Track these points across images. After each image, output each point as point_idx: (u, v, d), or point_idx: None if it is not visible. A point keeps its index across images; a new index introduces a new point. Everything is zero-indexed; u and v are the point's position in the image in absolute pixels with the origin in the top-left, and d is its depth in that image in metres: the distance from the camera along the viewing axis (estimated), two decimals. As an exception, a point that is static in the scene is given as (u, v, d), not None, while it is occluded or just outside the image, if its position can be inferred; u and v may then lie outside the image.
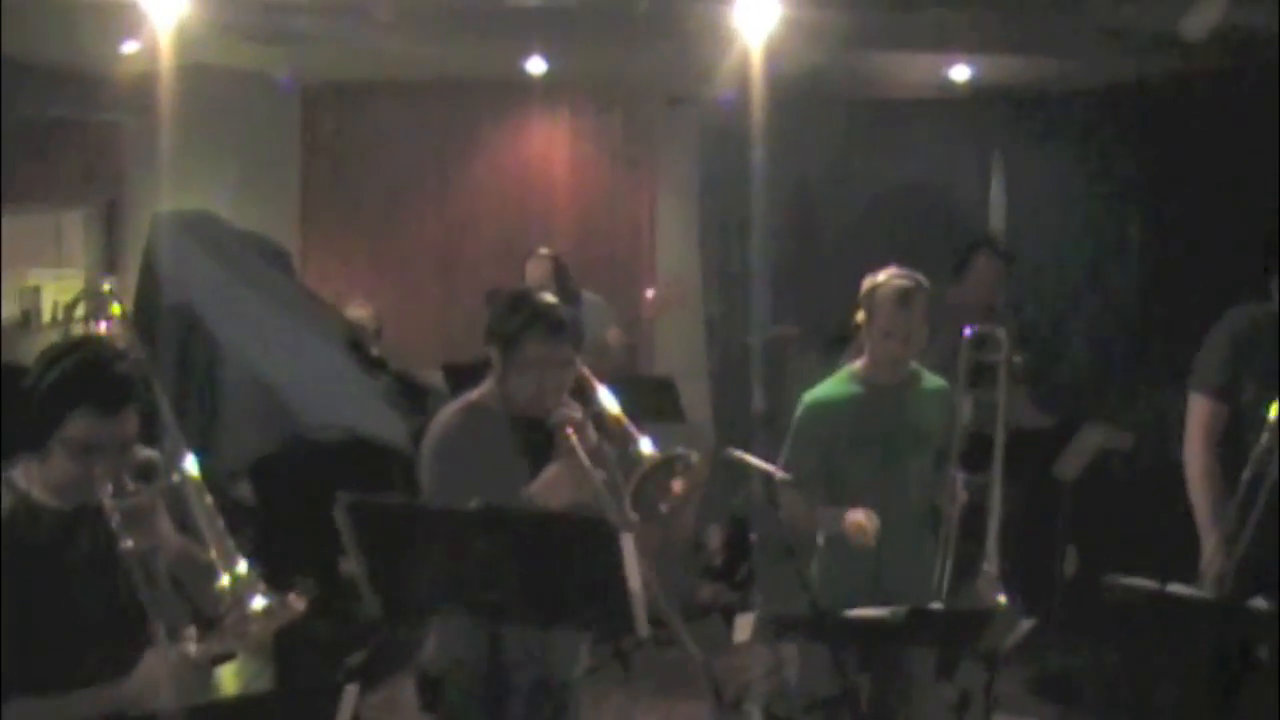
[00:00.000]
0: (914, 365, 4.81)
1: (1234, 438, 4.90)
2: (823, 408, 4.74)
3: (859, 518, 4.53)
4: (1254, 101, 7.85)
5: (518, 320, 3.95)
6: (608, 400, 4.13)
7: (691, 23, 6.83)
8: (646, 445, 3.92)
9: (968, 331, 4.92)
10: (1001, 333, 4.94)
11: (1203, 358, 4.98)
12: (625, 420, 4.08)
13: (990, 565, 4.56)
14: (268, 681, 5.90)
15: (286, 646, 5.49)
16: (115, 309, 3.71)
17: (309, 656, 5.71)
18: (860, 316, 4.76)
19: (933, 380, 4.85)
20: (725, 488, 7.58)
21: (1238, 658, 4.52)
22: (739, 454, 4.09)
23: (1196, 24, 6.58)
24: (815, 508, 4.66)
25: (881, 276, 4.71)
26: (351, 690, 2.78)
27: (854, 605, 4.13)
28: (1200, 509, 4.92)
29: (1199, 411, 4.94)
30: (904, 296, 4.64)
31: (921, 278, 4.73)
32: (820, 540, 4.76)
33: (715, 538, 8.53)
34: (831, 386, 4.79)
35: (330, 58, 8.26)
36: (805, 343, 8.21)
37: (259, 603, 3.08)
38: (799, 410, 4.77)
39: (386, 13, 6.56)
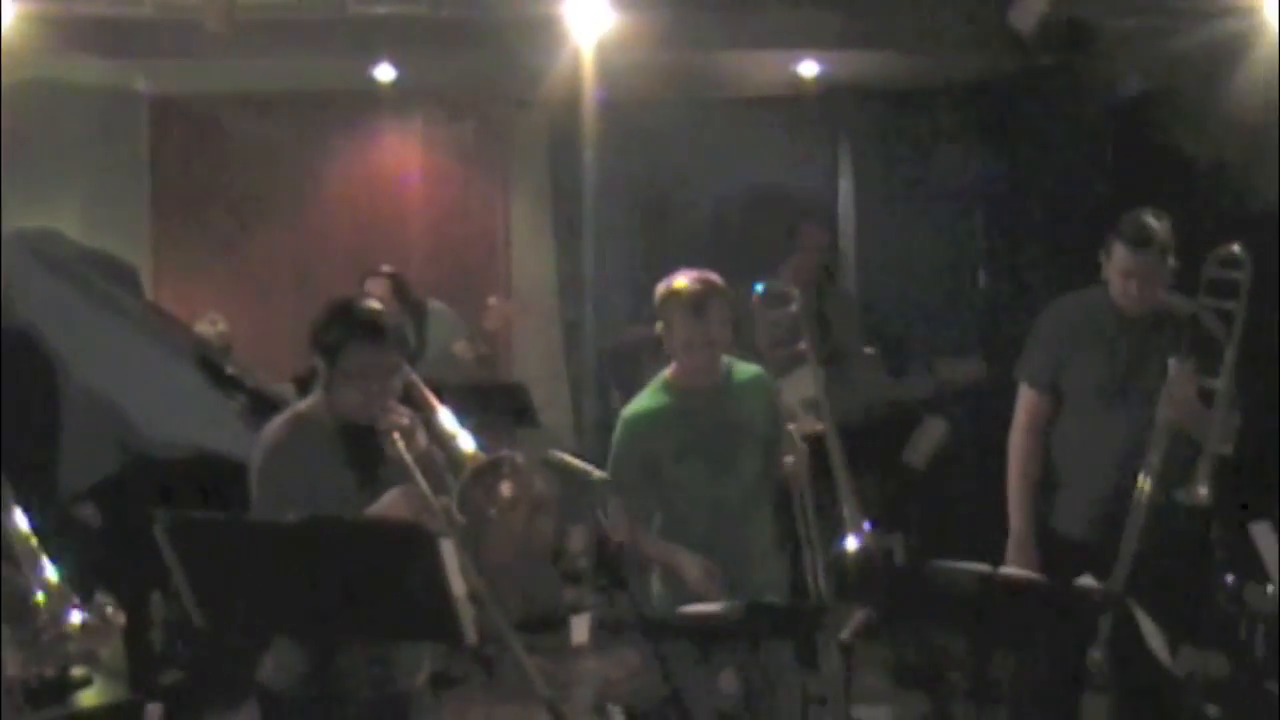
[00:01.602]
0: (725, 360, 4.70)
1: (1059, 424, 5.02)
2: (640, 422, 4.66)
3: (696, 575, 4.46)
4: (1089, 94, 8.05)
5: (339, 329, 3.92)
6: (442, 414, 4.12)
7: (532, 27, 6.86)
8: (470, 444, 3.90)
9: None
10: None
11: (1028, 348, 5.08)
12: (457, 428, 4.08)
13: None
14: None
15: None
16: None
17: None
18: (659, 327, 4.66)
19: (745, 370, 4.75)
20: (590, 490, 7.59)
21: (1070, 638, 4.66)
22: (559, 455, 4.10)
23: (1024, 15, 6.73)
24: (636, 521, 4.58)
25: (674, 284, 4.58)
26: (154, 709, 2.76)
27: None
28: (1012, 494, 5.02)
29: (1023, 400, 5.05)
30: (697, 305, 4.51)
31: (715, 277, 4.59)
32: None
33: (578, 541, 8.54)
34: (646, 399, 4.70)
35: (177, 71, 8.18)
36: (661, 344, 8.24)
37: (76, 618, 3.03)
38: (618, 427, 4.70)
39: (221, 25, 6.50)
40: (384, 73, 8.43)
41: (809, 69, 8.57)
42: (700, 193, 9.37)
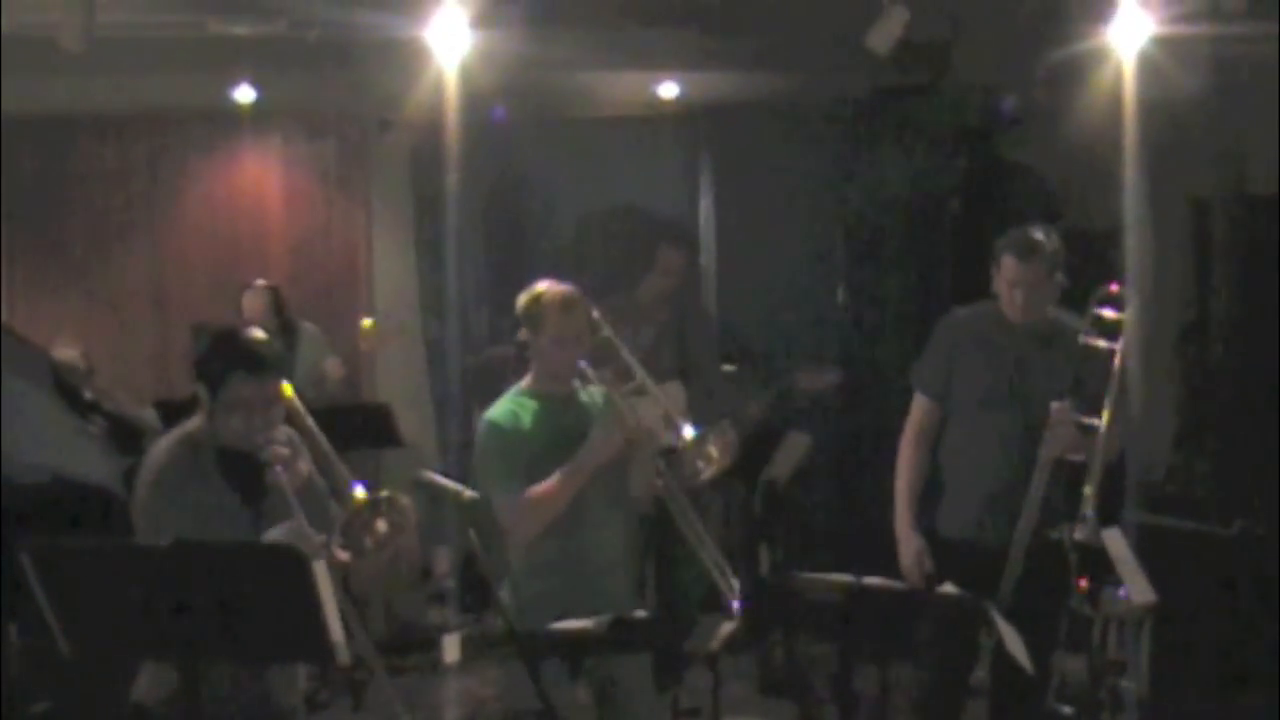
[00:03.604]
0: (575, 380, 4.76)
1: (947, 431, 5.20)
2: (504, 420, 4.68)
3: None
4: (943, 114, 8.25)
5: (222, 360, 3.94)
6: (323, 444, 4.14)
7: (393, 47, 6.86)
8: (359, 492, 3.92)
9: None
10: None
11: (922, 357, 5.29)
12: (335, 460, 4.10)
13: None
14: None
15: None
16: None
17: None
18: (523, 334, 4.75)
19: (593, 387, 4.79)
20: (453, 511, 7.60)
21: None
22: (428, 475, 4.13)
23: (882, 37, 6.86)
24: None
25: (538, 288, 4.69)
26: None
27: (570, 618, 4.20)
28: (898, 499, 5.19)
29: (914, 408, 5.26)
30: (566, 303, 4.63)
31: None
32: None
33: (443, 562, 8.54)
34: (507, 403, 4.73)
35: (30, 90, 8.03)
36: (522, 363, 8.27)
37: None
38: (482, 429, 4.72)
39: (76, 43, 6.40)
40: (244, 93, 8.37)
41: (669, 90, 8.67)
42: (561, 212, 9.43)
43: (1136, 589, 4.44)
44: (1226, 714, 5.54)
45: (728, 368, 7.65)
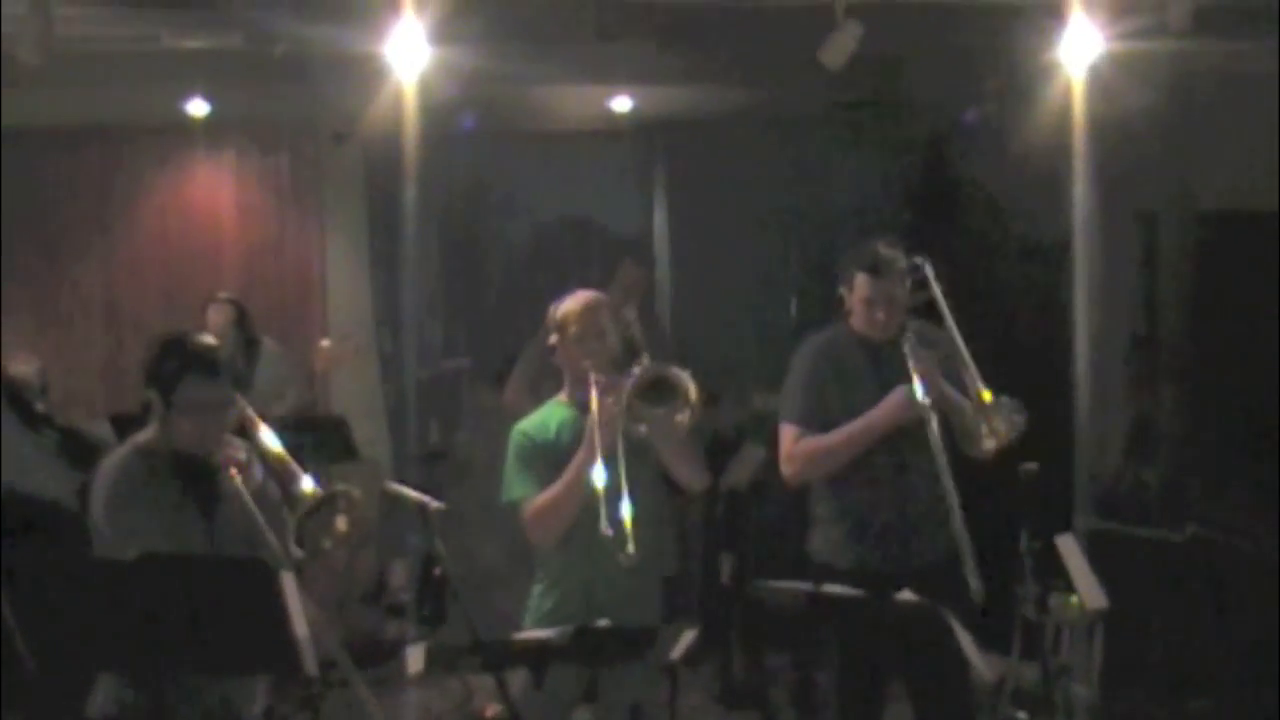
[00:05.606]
0: None
1: None
2: (534, 435, 4.66)
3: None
4: (895, 128, 8.33)
5: (174, 363, 3.96)
6: (270, 439, 4.16)
7: (348, 62, 6.87)
8: (308, 484, 3.95)
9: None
10: None
11: (787, 392, 5.07)
12: (288, 459, 4.12)
13: None
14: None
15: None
16: None
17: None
18: (552, 339, 4.72)
19: None
20: (407, 524, 7.61)
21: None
22: (395, 487, 4.16)
23: (834, 53, 6.92)
24: None
25: (568, 297, 4.73)
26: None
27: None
28: (837, 436, 4.91)
29: (785, 439, 5.02)
30: (589, 307, 4.66)
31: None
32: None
33: (399, 575, 8.53)
34: (540, 414, 4.74)
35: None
36: (478, 374, 8.33)
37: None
38: (512, 439, 4.68)
39: (36, 56, 6.38)
40: (197, 107, 8.37)
41: (622, 104, 8.72)
42: (515, 227, 9.47)
43: (1088, 594, 4.48)
44: (1177, 717, 5.61)
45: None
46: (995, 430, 4.72)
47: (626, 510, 4.37)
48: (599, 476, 4.38)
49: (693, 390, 4.48)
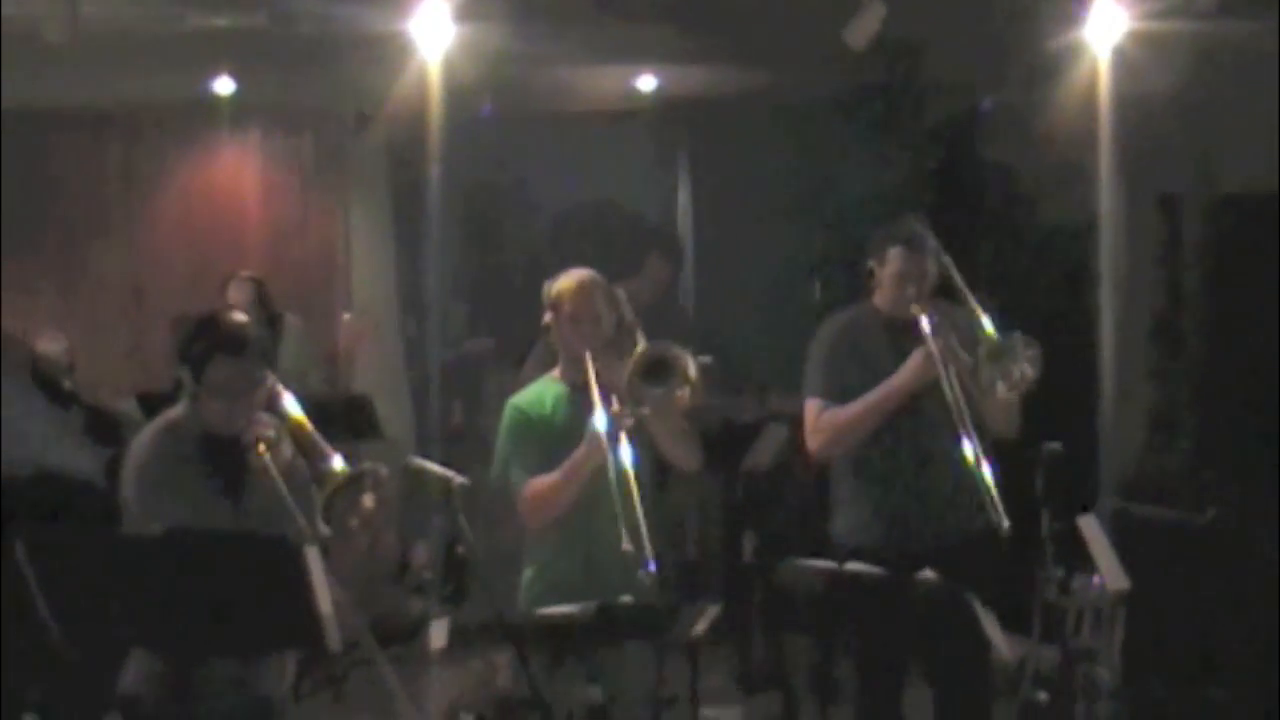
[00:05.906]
0: None
1: None
2: (528, 411, 4.69)
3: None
4: (919, 109, 8.31)
5: (205, 342, 3.99)
6: (298, 414, 4.18)
7: (374, 41, 6.89)
8: (338, 462, 3.97)
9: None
10: None
11: (810, 370, 5.07)
12: (318, 436, 4.14)
13: None
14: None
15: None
16: None
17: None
18: (548, 318, 4.73)
19: None
20: (429, 505, 7.64)
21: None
22: (419, 461, 4.18)
23: (859, 33, 6.92)
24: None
25: (562, 274, 4.73)
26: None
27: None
28: (859, 407, 4.92)
29: (808, 413, 5.03)
30: (584, 286, 4.66)
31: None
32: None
33: (421, 555, 8.55)
34: (534, 389, 4.76)
35: (9, 84, 8.02)
36: (501, 356, 8.34)
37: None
38: (505, 414, 4.71)
39: (61, 35, 6.41)
40: (222, 86, 8.39)
41: (647, 83, 8.71)
42: (539, 207, 9.46)
43: (1110, 576, 4.47)
44: (1199, 701, 5.60)
45: (704, 359, 7.67)
46: (1008, 375, 4.65)
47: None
48: (614, 468, 4.37)
49: (691, 367, 4.50)
